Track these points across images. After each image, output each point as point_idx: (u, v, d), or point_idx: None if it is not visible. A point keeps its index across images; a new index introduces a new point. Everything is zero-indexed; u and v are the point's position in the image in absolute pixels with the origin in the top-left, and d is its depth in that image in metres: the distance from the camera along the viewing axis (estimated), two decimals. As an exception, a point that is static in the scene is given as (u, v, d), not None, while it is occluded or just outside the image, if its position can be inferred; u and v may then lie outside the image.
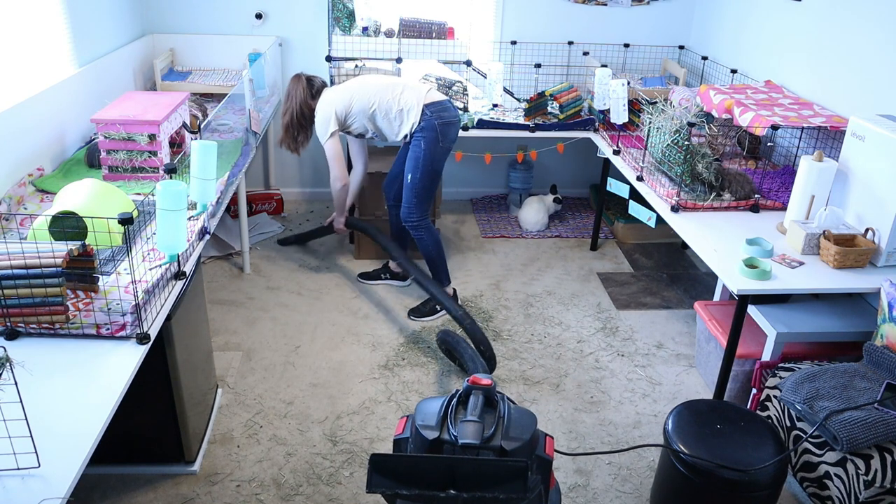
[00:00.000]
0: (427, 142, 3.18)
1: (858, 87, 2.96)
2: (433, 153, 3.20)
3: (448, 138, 3.23)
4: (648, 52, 4.44)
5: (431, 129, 3.16)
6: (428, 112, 3.16)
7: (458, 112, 3.33)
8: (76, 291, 1.86)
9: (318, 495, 2.37)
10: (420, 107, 3.16)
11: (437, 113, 3.17)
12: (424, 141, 3.18)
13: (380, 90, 3.22)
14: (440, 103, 3.22)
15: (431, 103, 3.19)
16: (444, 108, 3.21)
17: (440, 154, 3.23)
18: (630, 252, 4.18)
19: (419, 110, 3.16)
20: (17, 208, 2.44)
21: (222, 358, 3.03)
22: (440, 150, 3.22)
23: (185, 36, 4.15)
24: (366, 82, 3.30)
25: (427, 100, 3.19)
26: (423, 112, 3.16)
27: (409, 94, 3.20)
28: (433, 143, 3.18)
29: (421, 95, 3.19)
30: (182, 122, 2.96)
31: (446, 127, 3.20)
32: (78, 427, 1.50)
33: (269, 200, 4.44)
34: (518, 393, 2.90)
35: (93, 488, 2.34)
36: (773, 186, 3.05)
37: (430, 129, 3.16)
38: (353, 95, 3.23)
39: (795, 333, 2.54)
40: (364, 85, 3.27)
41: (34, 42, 2.85)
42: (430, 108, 3.17)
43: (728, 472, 2.03)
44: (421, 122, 3.16)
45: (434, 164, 3.23)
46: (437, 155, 3.22)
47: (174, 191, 1.87)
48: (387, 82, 3.28)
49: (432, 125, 3.16)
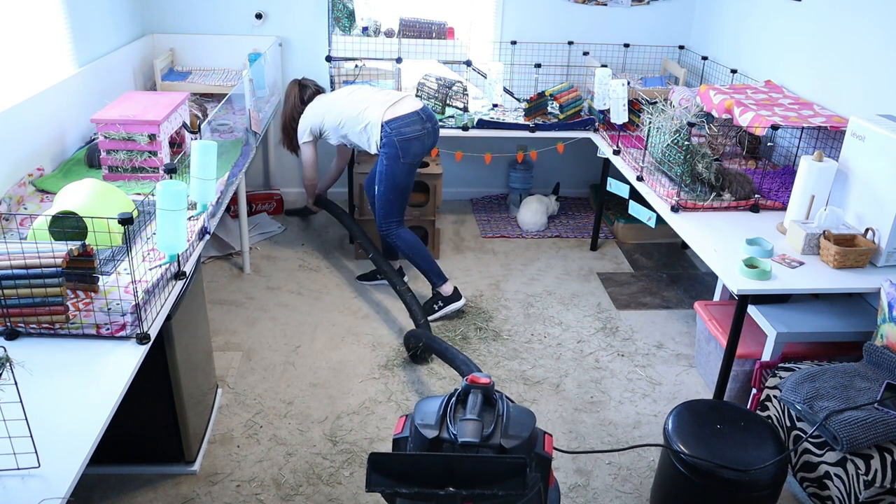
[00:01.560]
0: (388, 158, 3.21)
1: (858, 87, 2.96)
2: (393, 169, 3.23)
3: (410, 153, 3.22)
4: (648, 52, 4.44)
5: (391, 145, 3.18)
6: (388, 128, 3.17)
7: (427, 126, 3.27)
8: (76, 291, 1.86)
9: (318, 495, 2.37)
10: (379, 124, 3.18)
11: (398, 129, 3.17)
12: (386, 157, 3.22)
13: (347, 107, 3.31)
14: (402, 118, 3.19)
15: (392, 119, 3.18)
16: (405, 124, 3.19)
17: (402, 169, 3.24)
18: (630, 252, 4.18)
19: (379, 128, 3.19)
20: (17, 208, 2.44)
21: (222, 358, 3.03)
22: (401, 166, 3.23)
23: (185, 36, 4.15)
24: (338, 98, 3.39)
25: (388, 116, 3.19)
26: (383, 128, 3.18)
27: (371, 111, 3.22)
28: (394, 159, 3.21)
29: (381, 111, 3.19)
30: (182, 122, 2.96)
31: (407, 143, 3.19)
32: (78, 427, 1.50)
33: (269, 200, 4.45)
34: (518, 393, 2.90)
35: (93, 488, 2.34)
36: (773, 186, 3.05)
37: (391, 145, 3.19)
38: (326, 112, 3.36)
39: (795, 333, 2.54)
40: (337, 101, 3.37)
41: (34, 42, 2.85)
42: (389, 124, 3.17)
43: (728, 472, 2.03)
44: (382, 138, 3.19)
45: (395, 180, 3.25)
46: (397, 171, 3.23)
47: (174, 191, 1.87)
48: (357, 98, 3.33)
49: (392, 142, 3.18)
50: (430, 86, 3.93)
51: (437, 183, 3.82)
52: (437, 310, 3.38)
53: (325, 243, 4.11)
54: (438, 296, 3.39)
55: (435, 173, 3.80)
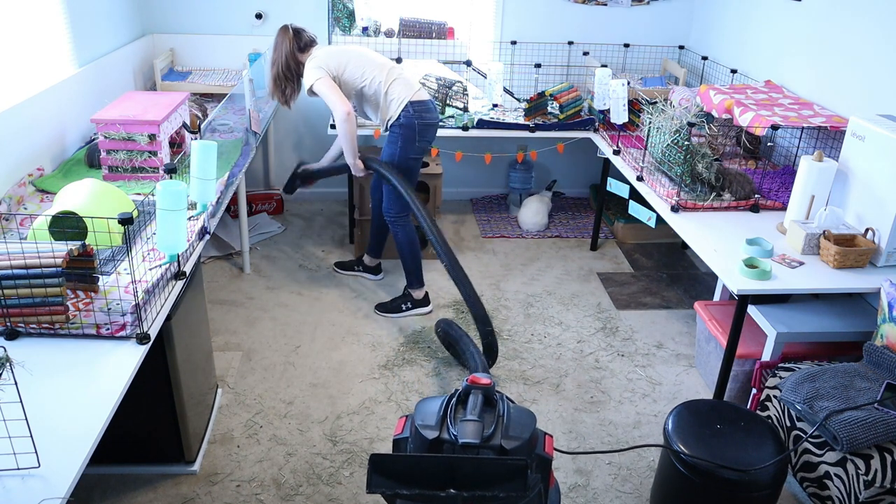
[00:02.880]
0: (404, 139, 3.18)
1: (858, 87, 2.96)
2: (407, 150, 3.21)
3: (425, 139, 3.23)
4: (648, 52, 4.44)
5: (410, 126, 3.15)
6: (411, 109, 3.14)
7: (438, 114, 3.30)
8: (76, 291, 1.86)
9: (318, 495, 2.37)
10: (405, 102, 3.14)
11: (420, 112, 3.16)
12: (402, 138, 3.17)
13: (374, 68, 3.18)
14: (424, 103, 3.20)
15: (417, 101, 3.17)
16: (427, 109, 3.19)
17: (415, 152, 3.24)
18: (630, 252, 4.18)
19: (403, 105, 3.14)
20: (17, 208, 2.44)
21: (222, 358, 3.03)
22: (415, 149, 3.23)
23: (185, 36, 4.15)
24: (364, 54, 3.24)
25: (416, 97, 3.17)
26: (407, 108, 3.14)
27: (399, 85, 3.17)
28: (409, 140, 3.18)
29: (411, 90, 3.17)
30: (182, 122, 2.96)
31: (425, 127, 3.20)
32: (78, 427, 1.50)
33: (269, 200, 4.44)
34: (518, 393, 2.90)
35: (93, 488, 2.34)
36: (773, 186, 3.05)
37: (409, 126, 3.15)
38: (348, 61, 3.16)
39: (795, 333, 2.54)
40: (360, 56, 3.21)
41: (34, 42, 2.85)
42: (414, 105, 3.15)
43: (728, 472, 2.03)
44: (401, 117, 3.15)
45: (408, 162, 3.24)
46: (410, 153, 3.23)
47: (174, 191, 1.87)
48: (383, 63, 3.24)
49: (412, 123, 3.15)
50: (430, 86, 3.93)
51: (437, 183, 3.82)
52: (404, 310, 3.41)
53: (326, 242, 4.11)
54: (409, 297, 3.42)
55: (435, 173, 3.80)
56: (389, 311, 3.41)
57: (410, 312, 3.40)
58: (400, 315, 3.40)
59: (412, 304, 3.40)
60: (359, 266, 3.74)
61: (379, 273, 3.71)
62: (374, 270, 3.71)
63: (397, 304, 3.41)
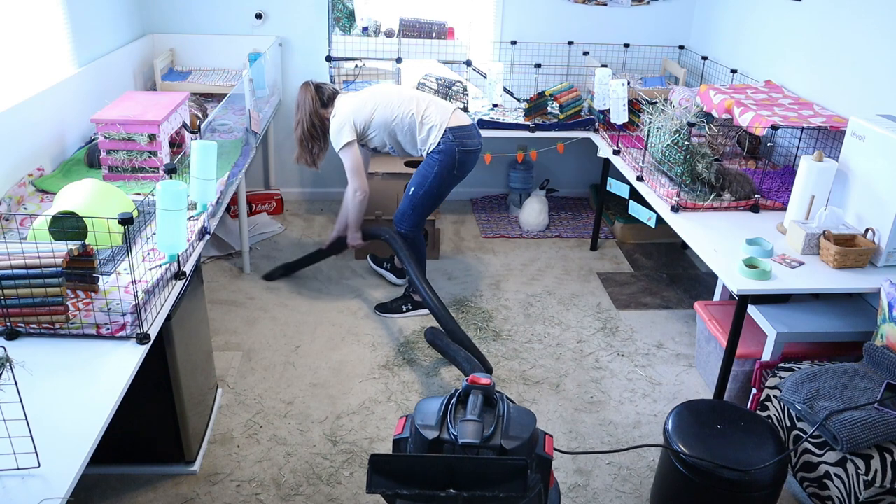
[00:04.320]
0: (441, 165, 3.04)
1: (858, 87, 2.96)
2: (443, 179, 3.08)
3: (465, 168, 3.09)
4: (648, 52, 4.44)
5: (450, 154, 3.02)
6: (451, 136, 3.01)
7: (481, 140, 3.16)
8: (76, 291, 1.86)
9: (318, 495, 2.37)
10: (443, 128, 3.02)
11: (461, 139, 3.03)
12: (439, 165, 3.04)
13: (403, 102, 3.08)
14: (465, 128, 3.06)
15: (457, 127, 3.03)
16: (468, 136, 3.06)
17: (450, 181, 3.10)
18: (630, 252, 4.18)
19: (441, 131, 3.02)
20: (17, 208, 2.44)
21: (222, 358, 3.03)
22: (452, 177, 3.09)
23: (185, 36, 4.15)
24: (388, 92, 3.14)
25: (452, 122, 3.04)
26: (446, 134, 3.01)
27: (434, 111, 3.05)
28: (447, 168, 3.05)
29: (447, 115, 3.04)
30: (182, 122, 2.96)
31: (466, 156, 3.06)
32: (78, 427, 1.50)
33: (269, 200, 4.44)
34: (518, 393, 2.90)
35: (93, 488, 2.34)
36: (773, 186, 3.05)
37: (450, 154, 3.02)
38: (375, 106, 3.08)
39: (795, 333, 2.54)
40: (387, 95, 3.12)
41: (34, 42, 2.85)
42: (454, 131, 3.02)
43: (728, 472, 2.03)
44: (441, 143, 3.02)
45: (441, 189, 3.12)
46: (446, 181, 3.10)
47: (174, 191, 1.87)
48: (410, 94, 3.14)
49: (452, 151, 3.01)
50: (430, 86, 3.93)
51: (437, 183, 3.81)
52: (404, 311, 3.40)
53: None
54: (409, 298, 3.41)
55: (435, 173, 3.79)
56: (389, 312, 3.41)
57: (411, 314, 3.40)
58: (400, 316, 3.40)
59: (412, 305, 3.40)
60: (388, 264, 3.71)
61: (404, 277, 3.65)
62: (401, 273, 3.67)
63: (398, 306, 3.41)
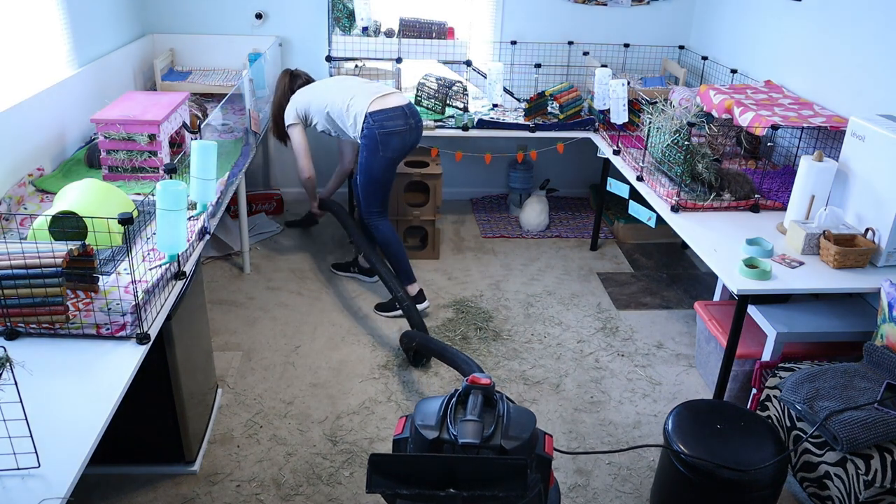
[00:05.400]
0: (368, 150, 3.19)
1: (858, 87, 2.96)
2: (372, 162, 3.20)
3: (390, 147, 3.20)
4: (648, 52, 4.44)
5: (372, 137, 3.15)
6: (371, 120, 3.14)
7: (410, 122, 3.25)
8: (76, 291, 1.86)
9: (318, 495, 2.37)
10: (363, 114, 3.15)
11: (380, 122, 3.14)
12: (366, 149, 3.19)
13: (335, 93, 3.27)
14: (387, 111, 3.17)
15: (377, 111, 3.15)
16: (389, 118, 3.17)
17: (380, 163, 3.21)
18: (630, 252, 4.18)
19: (363, 117, 3.15)
20: (17, 208, 2.44)
21: (222, 358, 3.03)
22: (380, 159, 3.20)
23: (185, 36, 4.15)
24: (327, 85, 3.36)
25: (373, 107, 3.15)
26: (367, 119, 3.15)
27: (358, 100, 3.19)
28: (373, 151, 3.18)
29: (367, 102, 3.16)
30: (182, 122, 2.96)
31: (388, 136, 3.16)
32: (78, 427, 1.50)
33: (269, 200, 4.44)
34: (518, 393, 2.90)
35: (93, 488, 2.34)
36: (773, 186, 3.05)
37: (371, 137, 3.15)
38: (312, 97, 3.32)
39: (795, 333, 2.54)
40: (325, 87, 3.35)
41: (34, 42, 2.85)
42: (373, 115, 3.14)
43: (728, 472, 2.03)
44: (364, 129, 3.16)
45: (373, 172, 3.23)
46: (376, 163, 3.21)
47: (174, 191, 1.87)
48: (345, 85, 3.31)
49: (373, 134, 3.14)
50: (430, 86, 3.93)
51: (437, 183, 3.82)
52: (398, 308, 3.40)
53: (326, 243, 4.11)
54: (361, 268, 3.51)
55: (435, 173, 3.80)
56: (388, 310, 3.41)
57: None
58: (394, 313, 3.40)
59: (358, 269, 3.53)
60: (354, 267, 3.74)
61: (374, 275, 3.70)
62: (369, 272, 3.70)
63: (392, 303, 3.42)
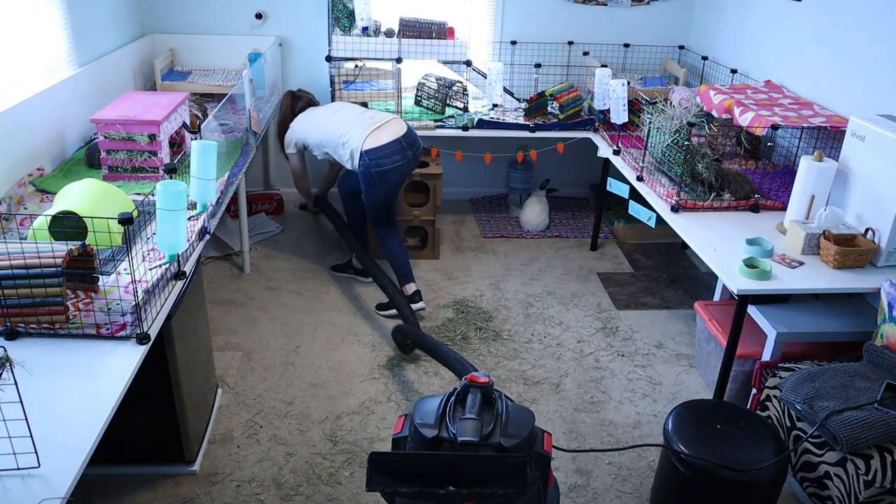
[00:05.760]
0: (366, 184, 3.29)
1: (858, 87, 2.96)
2: (372, 194, 3.32)
3: (386, 183, 3.28)
4: (648, 52, 4.44)
5: (368, 175, 3.25)
6: (366, 158, 3.20)
7: (408, 154, 3.30)
8: (76, 291, 1.86)
9: (318, 495, 2.37)
10: (359, 151, 3.21)
11: (376, 160, 3.20)
12: (364, 183, 3.29)
13: (329, 127, 3.35)
14: (382, 148, 3.20)
15: (371, 149, 3.19)
16: (385, 155, 3.21)
17: (379, 194, 3.31)
18: (630, 252, 4.18)
19: (358, 154, 3.22)
20: (17, 208, 2.44)
21: (222, 358, 3.03)
22: (379, 192, 3.31)
23: (185, 36, 4.15)
24: (323, 117, 3.43)
25: (367, 145, 3.20)
26: (362, 157, 3.21)
27: (352, 136, 3.25)
28: (371, 186, 3.29)
29: (362, 139, 3.21)
30: (182, 122, 2.96)
31: (384, 174, 3.24)
32: (78, 427, 1.50)
33: (269, 200, 4.44)
34: (518, 393, 2.90)
35: (93, 488, 2.34)
36: (773, 186, 3.05)
37: (367, 175, 3.25)
38: (308, 130, 3.44)
39: (795, 333, 2.54)
40: (322, 119, 3.42)
41: (34, 42, 2.85)
42: (368, 154, 3.20)
43: (728, 472, 2.03)
44: (360, 165, 3.24)
45: (374, 200, 3.34)
46: (376, 195, 3.32)
47: (174, 191, 1.87)
48: (341, 117, 3.36)
49: (369, 172, 3.23)
50: (430, 86, 3.93)
51: (437, 183, 3.82)
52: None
53: (327, 243, 4.11)
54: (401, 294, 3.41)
55: (435, 173, 3.80)
56: (387, 309, 3.42)
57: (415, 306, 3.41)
58: (389, 312, 3.41)
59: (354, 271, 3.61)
60: (350, 269, 3.75)
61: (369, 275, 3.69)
62: (365, 273, 3.70)
63: (388, 302, 3.42)
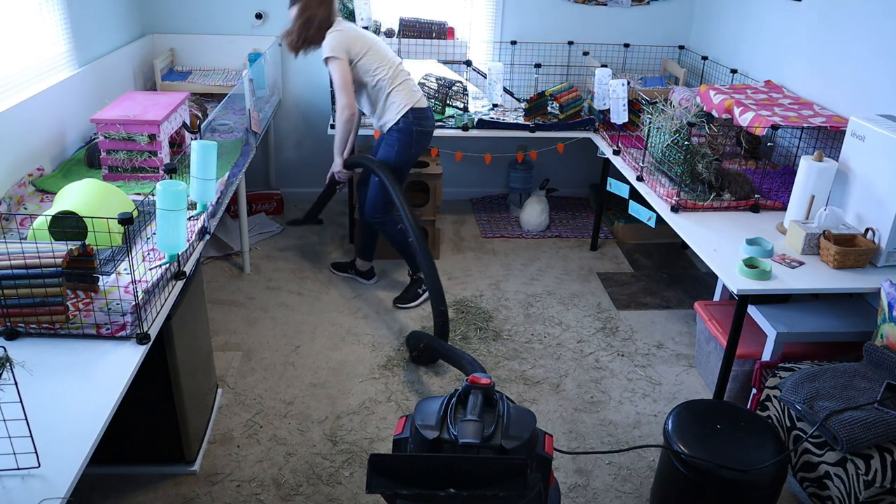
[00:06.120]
0: (401, 144, 3.23)
1: (858, 87, 2.96)
2: (402, 156, 3.26)
3: (421, 146, 3.29)
4: (648, 52, 4.44)
5: (409, 133, 3.20)
6: (411, 116, 3.19)
7: (434, 122, 3.38)
8: (76, 291, 1.86)
9: (318, 495, 2.37)
10: (407, 108, 3.18)
11: (419, 120, 3.21)
12: (398, 142, 3.22)
13: (384, 67, 3.16)
14: (424, 111, 3.25)
15: (419, 108, 3.21)
16: (426, 117, 3.26)
17: (409, 157, 3.29)
18: (630, 252, 4.18)
19: (404, 111, 3.17)
20: (17, 208, 2.44)
21: (222, 358, 3.03)
22: (410, 155, 3.28)
23: (185, 36, 4.15)
24: (380, 49, 3.19)
25: (419, 104, 3.22)
26: (407, 114, 3.18)
27: (402, 91, 3.19)
28: (406, 146, 3.23)
29: (413, 98, 3.21)
30: (182, 122, 2.96)
31: (422, 135, 3.26)
32: (78, 427, 1.50)
33: (269, 200, 4.44)
34: (518, 393, 2.90)
35: (93, 488, 2.34)
36: (773, 186, 3.05)
37: (408, 133, 3.20)
38: (367, 50, 3.12)
39: (795, 333, 2.54)
40: (377, 49, 3.16)
41: (34, 41, 2.85)
42: (415, 112, 3.20)
43: (728, 472, 2.03)
44: (400, 122, 3.18)
45: (401, 166, 3.29)
46: (404, 158, 3.28)
47: (174, 191, 1.87)
48: (392, 61, 3.22)
49: (410, 130, 3.20)
50: (430, 86, 3.93)
51: (437, 183, 3.82)
52: (422, 294, 3.46)
53: (327, 243, 4.11)
54: (420, 281, 3.47)
55: (435, 173, 3.80)
56: (409, 301, 3.46)
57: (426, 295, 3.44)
58: (421, 301, 3.45)
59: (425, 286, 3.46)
60: (352, 269, 3.74)
61: (372, 277, 3.70)
62: (367, 275, 3.70)
63: (414, 292, 3.46)
